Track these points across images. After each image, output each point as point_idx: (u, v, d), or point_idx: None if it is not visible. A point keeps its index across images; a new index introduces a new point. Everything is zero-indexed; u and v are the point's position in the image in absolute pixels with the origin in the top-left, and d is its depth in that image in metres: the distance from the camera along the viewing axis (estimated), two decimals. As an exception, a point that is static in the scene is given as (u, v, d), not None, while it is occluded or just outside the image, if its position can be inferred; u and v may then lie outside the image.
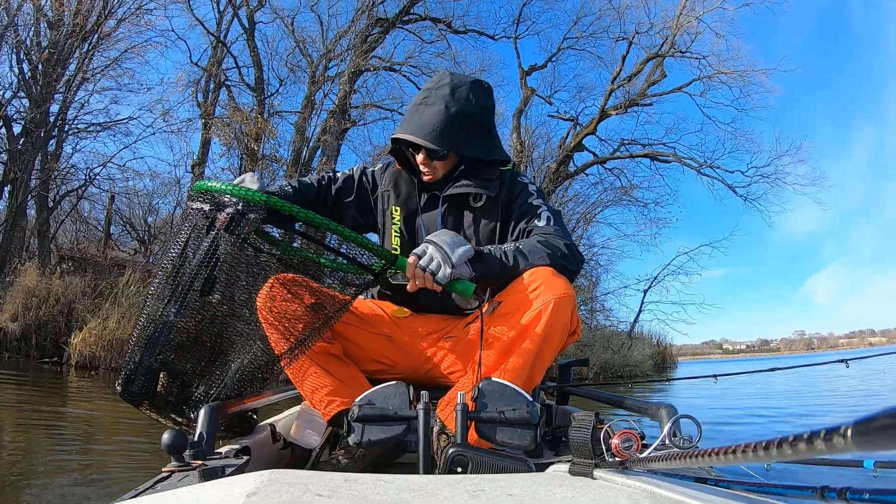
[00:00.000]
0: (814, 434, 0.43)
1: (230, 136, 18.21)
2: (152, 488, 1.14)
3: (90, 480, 3.52)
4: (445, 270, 1.70)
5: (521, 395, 1.45)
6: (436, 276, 1.70)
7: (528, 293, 1.79)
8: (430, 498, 0.85)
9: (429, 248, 1.75)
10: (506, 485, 0.95)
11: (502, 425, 1.41)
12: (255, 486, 0.83)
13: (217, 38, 19.15)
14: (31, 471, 3.66)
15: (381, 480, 0.93)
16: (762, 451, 0.54)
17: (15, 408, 6.21)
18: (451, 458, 1.28)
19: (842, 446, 0.39)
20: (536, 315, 1.76)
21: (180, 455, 1.31)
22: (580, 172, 22.36)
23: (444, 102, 1.97)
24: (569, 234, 2.06)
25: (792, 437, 0.48)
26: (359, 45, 18.56)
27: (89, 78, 16.51)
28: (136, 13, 16.85)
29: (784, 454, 0.51)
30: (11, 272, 13.05)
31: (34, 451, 4.30)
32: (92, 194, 18.43)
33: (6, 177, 15.15)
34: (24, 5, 15.20)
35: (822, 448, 0.43)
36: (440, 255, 1.72)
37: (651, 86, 20.80)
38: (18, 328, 11.47)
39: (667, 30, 20.07)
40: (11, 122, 15.62)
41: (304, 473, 0.95)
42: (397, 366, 2.12)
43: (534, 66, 22.21)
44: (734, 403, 10.32)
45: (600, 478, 1.02)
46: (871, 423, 0.36)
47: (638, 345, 23.04)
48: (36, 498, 3.07)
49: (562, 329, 1.80)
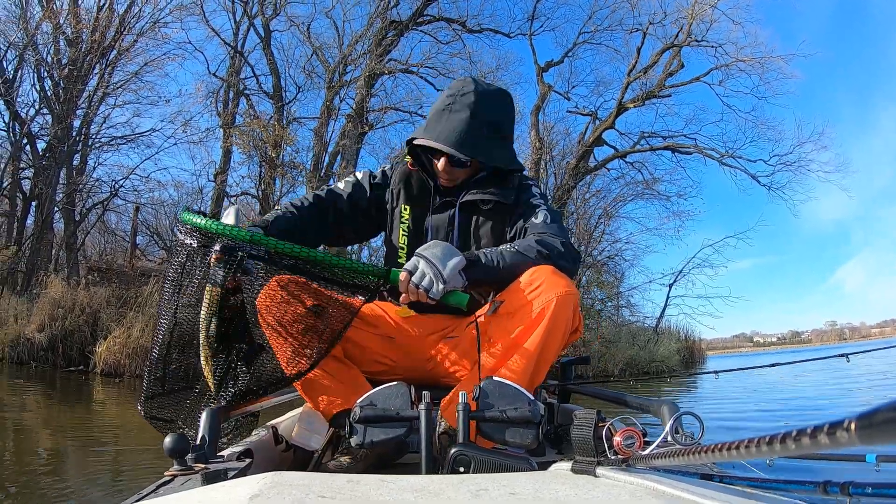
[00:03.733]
0: (817, 428, 0.43)
1: (249, 145, 18.43)
2: (155, 492, 1.14)
3: (112, 481, 3.59)
4: (438, 286, 1.70)
5: (523, 394, 1.44)
6: (429, 293, 1.71)
7: (530, 292, 1.78)
8: (433, 498, 0.85)
9: (420, 263, 1.74)
10: (508, 484, 0.94)
11: (504, 424, 1.40)
12: (259, 489, 0.84)
13: (234, 48, 19.41)
14: (54, 470, 3.75)
15: (384, 481, 0.93)
16: (765, 447, 0.54)
17: (43, 413, 6.36)
18: (453, 458, 1.27)
19: (845, 440, 0.39)
20: (539, 314, 1.75)
21: (183, 459, 1.30)
22: (601, 167, 22.22)
23: (471, 110, 1.95)
24: (566, 231, 2.04)
25: (795, 431, 0.48)
26: (374, 48, 18.65)
27: (110, 92, 16.86)
28: (153, 27, 17.17)
29: (787, 449, 0.51)
30: (38, 284, 13.35)
31: (60, 452, 4.41)
32: (117, 206, 18.87)
33: (32, 192, 15.51)
34: (43, 24, 15.53)
35: (826, 442, 0.42)
36: (432, 272, 1.71)
37: (669, 77, 20.58)
38: (45, 338, 11.75)
39: (682, 19, 19.87)
40: (35, 139, 16.01)
41: (307, 475, 0.95)
42: (398, 366, 2.11)
43: (550, 63, 22.08)
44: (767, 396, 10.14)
45: (603, 475, 1.02)
46: (874, 416, 0.36)
47: (664, 340, 22.70)
48: (59, 495, 3.14)
49: (564, 327, 1.79)
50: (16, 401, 7.51)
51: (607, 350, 19.21)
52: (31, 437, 5.17)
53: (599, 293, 23.35)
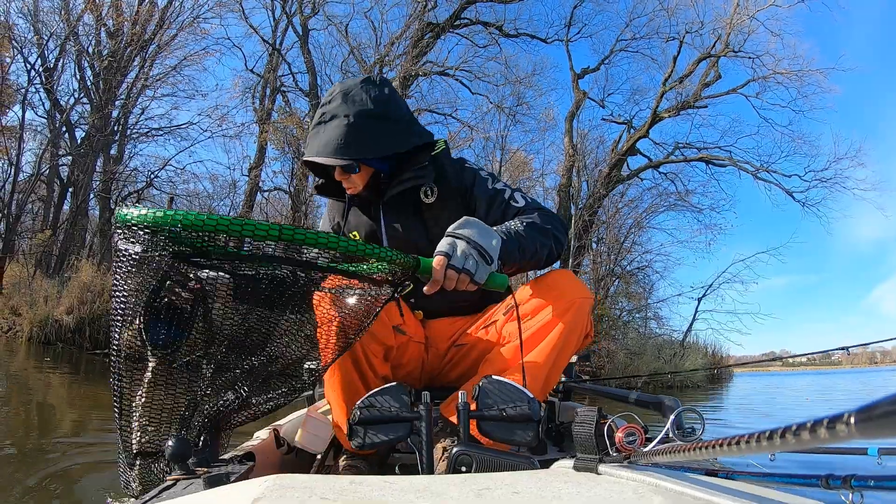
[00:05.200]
0: (817, 422, 0.44)
1: (283, 141, 18.67)
2: (157, 497, 1.14)
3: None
4: (484, 268, 1.55)
5: (522, 392, 1.43)
6: (474, 276, 1.53)
7: (551, 294, 1.78)
8: (435, 498, 0.85)
9: (458, 243, 1.55)
10: (511, 483, 0.94)
11: (504, 423, 1.39)
12: (261, 492, 0.83)
13: (272, 46, 19.70)
14: (70, 447, 3.82)
15: (387, 482, 0.93)
16: (766, 441, 0.54)
17: (65, 392, 6.48)
18: (455, 458, 1.26)
19: (845, 434, 0.40)
20: (558, 315, 1.74)
21: (185, 463, 1.29)
22: (634, 176, 22.06)
23: (341, 112, 1.85)
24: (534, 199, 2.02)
25: (795, 425, 0.48)
26: (410, 50, 18.78)
27: (149, 85, 17.21)
28: (193, 22, 17.51)
29: (788, 443, 0.51)
30: (70, 268, 13.66)
31: (79, 430, 4.48)
32: (153, 196, 19.21)
33: (69, 179, 15.88)
34: (85, 15, 15.91)
35: (826, 436, 0.43)
36: (475, 252, 1.54)
37: (705, 87, 20.43)
38: (73, 321, 12.05)
39: (720, 29, 19.72)
40: (74, 128, 16.40)
41: (310, 477, 0.94)
42: (398, 373, 2.06)
43: (586, 69, 22.10)
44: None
45: (605, 473, 1.01)
46: (874, 409, 0.36)
47: (690, 355, 22.36)
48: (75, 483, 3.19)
49: (580, 331, 1.79)
50: (41, 378, 7.67)
51: (631, 362, 19.02)
52: (56, 413, 5.27)
53: (627, 304, 23.16)
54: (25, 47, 15.54)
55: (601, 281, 20.95)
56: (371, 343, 1.82)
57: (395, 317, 1.91)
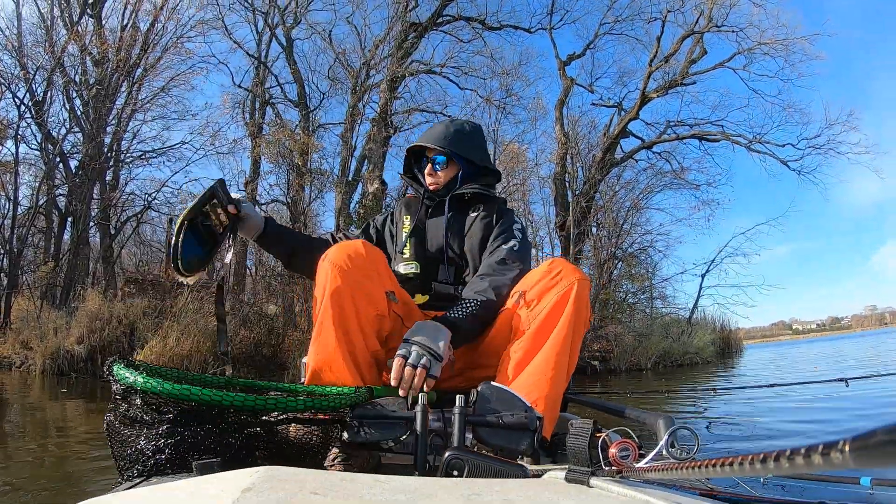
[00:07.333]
0: (811, 448, 0.43)
1: (276, 154, 18.69)
2: (147, 481, 1.15)
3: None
4: (436, 365, 1.72)
5: (520, 401, 1.45)
6: (430, 371, 1.70)
7: (550, 279, 1.85)
8: (425, 500, 0.85)
9: (413, 348, 1.73)
10: (501, 489, 0.94)
11: (500, 430, 1.40)
12: (251, 482, 0.84)
13: (257, 59, 19.70)
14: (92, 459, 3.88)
15: (378, 481, 0.93)
16: (759, 464, 0.53)
17: (83, 418, 6.53)
18: (447, 462, 1.23)
19: (839, 461, 0.39)
20: (562, 297, 1.82)
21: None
22: (628, 159, 21.90)
23: (445, 123, 2.43)
24: (528, 262, 2.24)
25: (789, 450, 0.47)
26: (395, 52, 18.76)
27: (139, 109, 17.22)
28: (177, 43, 17.51)
29: (781, 468, 0.49)
30: (76, 298, 13.70)
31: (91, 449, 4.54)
32: (151, 218, 19.28)
33: (67, 209, 15.91)
34: (69, 46, 15.93)
35: (820, 463, 0.42)
36: (427, 353, 1.72)
37: (691, 64, 20.30)
38: (85, 350, 12.08)
39: (702, 4, 19.60)
40: (68, 158, 16.43)
41: (300, 471, 0.94)
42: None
43: (572, 56, 21.92)
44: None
45: (596, 486, 1.01)
46: (870, 438, 0.36)
47: (698, 331, 22.25)
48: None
49: (586, 312, 1.85)
50: (57, 406, 7.73)
51: (639, 344, 19.04)
52: (70, 439, 5.32)
53: (632, 286, 23.12)
54: (13, 83, 15.60)
55: (603, 265, 20.89)
56: (366, 306, 1.87)
57: (388, 282, 1.96)
